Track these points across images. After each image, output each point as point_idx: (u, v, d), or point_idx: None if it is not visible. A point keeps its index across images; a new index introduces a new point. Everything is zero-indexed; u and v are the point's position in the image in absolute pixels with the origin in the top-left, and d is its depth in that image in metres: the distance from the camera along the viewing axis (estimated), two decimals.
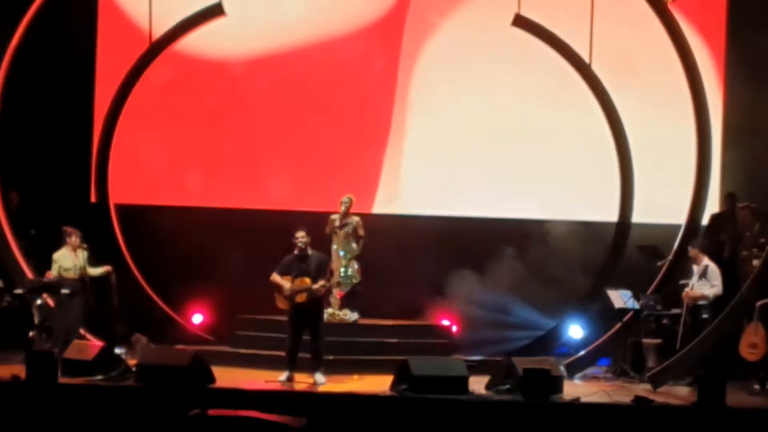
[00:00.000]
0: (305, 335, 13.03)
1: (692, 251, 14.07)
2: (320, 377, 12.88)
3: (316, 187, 16.28)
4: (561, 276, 15.49)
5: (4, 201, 15.25)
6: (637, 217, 15.37)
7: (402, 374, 12.19)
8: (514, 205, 16.28)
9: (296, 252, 13.05)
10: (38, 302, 14.05)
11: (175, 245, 15.67)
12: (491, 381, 12.56)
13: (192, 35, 15.85)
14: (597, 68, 15.26)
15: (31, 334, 13.82)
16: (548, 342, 15.47)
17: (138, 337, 14.52)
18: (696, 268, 13.98)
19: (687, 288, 13.96)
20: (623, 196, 15.27)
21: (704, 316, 13.67)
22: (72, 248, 13.72)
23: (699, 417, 11.55)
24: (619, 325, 14.57)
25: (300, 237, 13.05)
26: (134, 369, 12.48)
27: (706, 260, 13.99)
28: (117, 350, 13.34)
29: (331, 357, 13.47)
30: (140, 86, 15.45)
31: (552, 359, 13.05)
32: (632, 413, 11.71)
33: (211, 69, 16.35)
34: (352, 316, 14.73)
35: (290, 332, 13.03)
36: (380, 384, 12.35)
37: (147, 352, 12.72)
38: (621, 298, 14.42)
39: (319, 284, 12.95)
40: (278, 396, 12.11)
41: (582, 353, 14.66)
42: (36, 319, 14.03)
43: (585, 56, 15.25)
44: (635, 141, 15.37)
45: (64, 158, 16.06)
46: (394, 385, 12.19)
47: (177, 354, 12.54)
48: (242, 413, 9.87)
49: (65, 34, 16.02)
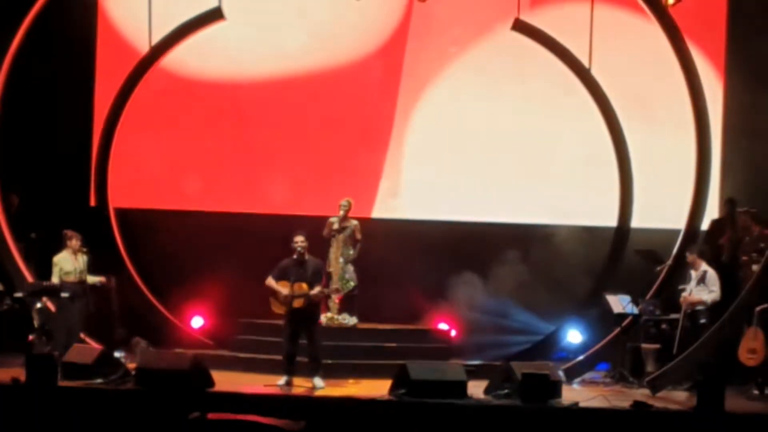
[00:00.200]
0: (302, 339, 13.04)
1: (690, 257, 14.09)
2: (319, 381, 12.88)
3: (316, 192, 16.27)
4: (560, 281, 15.50)
5: (4, 204, 15.25)
6: (636, 222, 15.36)
7: (400, 378, 12.17)
8: (513, 210, 16.29)
9: (294, 257, 13.05)
10: (38, 306, 14.05)
11: (175, 249, 15.70)
12: (490, 385, 12.53)
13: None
14: (597, 73, 15.25)
15: (31, 338, 13.80)
16: (547, 347, 15.45)
17: (137, 341, 14.54)
18: (694, 274, 14.00)
19: (685, 293, 13.98)
20: (622, 201, 15.25)
21: (702, 321, 13.68)
22: (72, 252, 13.74)
23: (698, 422, 11.55)
24: (618, 330, 14.55)
25: (299, 242, 13.03)
26: (134, 372, 12.48)
27: (705, 266, 14.00)
28: (116, 354, 13.38)
29: (330, 361, 13.48)
30: (140, 90, 15.45)
31: (551, 364, 13.05)
32: (631, 418, 11.71)
33: (212, 79, 16.40)
34: (351, 321, 14.74)
35: (287, 336, 13.02)
36: (379, 388, 12.34)
37: (146, 356, 12.70)
38: (620, 303, 14.42)
39: (317, 290, 12.96)
40: (277, 400, 12.09)
41: (581, 358, 14.65)
42: (36, 323, 14.02)
43: (585, 61, 15.24)
44: (635, 145, 15.36)
45: (64, 162, 16.07)
46: (393, 390, 12.17)
47: (176, 358, 12.51)
48: (241, 417, 9.88)
49: (65, 38, 16.04)
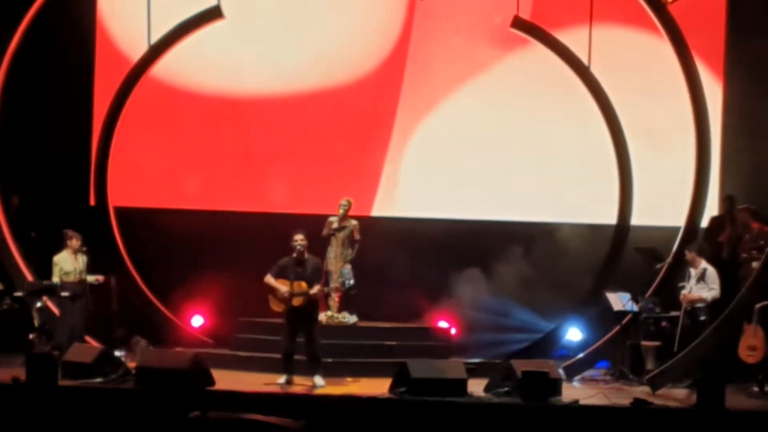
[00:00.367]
0: (301, 338, 13.03)
1: (689, 254, 14.08)
2: (319, 380, 12.88)
3: (315, 190, 16.28)
4: (559, 278, 15.50)
5: (4, 204, 15.26)
6: (636, 220, 15.36)
7: (401, 377, 12.17)
8: (513, 208, 16.30)
9: (294, 255, 13.05)
10: (38, 305, 14.05)
11: (175, 248, 15.72)
12: (490, 383, 12.54)
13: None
14: (596, 71, 15.25)
15: (31, 337, 13.81)
16: (547, 344, 15.44)
17: (137, 340, 14.54)
18: (693, 271, 13.99)
19: (684, 291, 13.98)
20: (622, 199, 15.24)
21: (702, 319, 13.68)
22: (72, 251, 13.74)
23: (698, 419, 11.55)
24: (618, 328, 14.56)
25: (298, 240, 13.03)
26: (134, 372, 12.49)
27: (704, 263, 13.99)
28: (116, 353, 13.36)
29: (330, 359, 13.49)
30: (139, 89, 15.44)
31: (551, 362, 13.03)
32: (631, 416, 11.70)
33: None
34: (351, 319, 14.74)
35: (286, 335, 13.01)
36: (379, 386, 12.34)
37: (146, 355, 12.71)
38: (620, 301, 14.42)
39: (317, 289, 12.95)
40: (277, 399, 12.10)
41: (581, 356, 14.64)
42: (36, 322, 14.03)
43: (584, 58, 15.23)
44: (634, 143, 15.35)
45: (64, 161, 16.07)
46: (393, 388, 12.18)
47: (176, 357, 12.52)
48: (241, 416, 9.87)
49: (64, 38, 16.05)
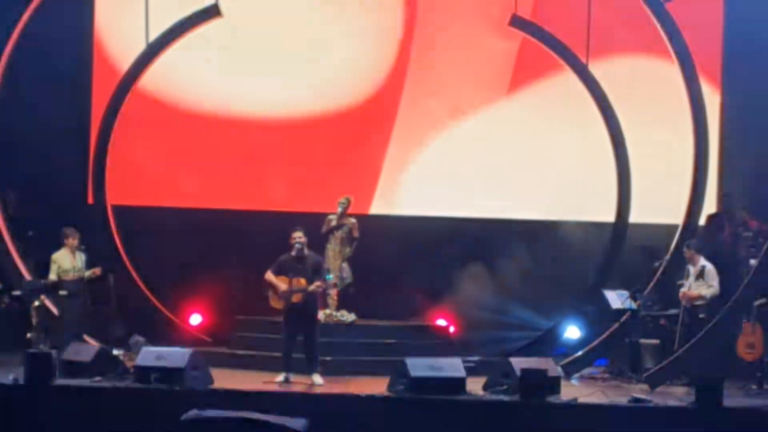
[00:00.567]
0: (300, 336, 13.03)
1: (688, 252, 14.08)
2: (318, 378, 12.88)
3: (315, 189, 16.28)
4: (558, 276, 15.51)
5: (2, 202, 15.25)
6: (635, 217, 15.36)
7: (399, 375, 12.18)
8: (511, 206, 16.30)
9: (293, 252, 13.05)
10: (36, 303, 14.04)
11: (173, 246, 15.68)
12: (489, 381, 12.55)
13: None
14: (594, 68, 15.25)
15: (30, 336, 13.80)
16: (546, 342, 15.44)
17: (136, 339, 14.53)
18: (692, 269, 13.99)
19: (683, 288, 13.98)
20: (620, 196, 15.24)
21: (701, 316, 13.67)
22: (71, 249, 13.74)
23: (696, 417, 11.56)
24: (617, 326, 14.57)
25: (297, 237, 13.02)
26: (132, 370, 12.50)
27: (703, 260, 13.99)
28: (115, 351, 13.35)
29: (329, 358, 13.49)
30: (137, 87, 15.43)
31: (549, 360, 13.04)
32: (629, 414, 11.72)
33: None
34: (350, 317, 14.73)
35: (285, 333, 13.01)
36: (377, 384, 12.34)
37: (145, 353, 12.69)
38: (618, 299, 14.42)
39: (315, 285, 12.94)
40: (276, 397, 12.11)
41: (579, 354, 14.66)
42: (34, 321, 14.01)
43: (582, 56, 15.22)
44: (632, 140, 15.34)
45: (62, 159, 16.03)
46: (392, 386, 12.19)
47: (174, 355, 12.50)
48: (240, 414, 9.87)
49: (62, 35, 16.00)
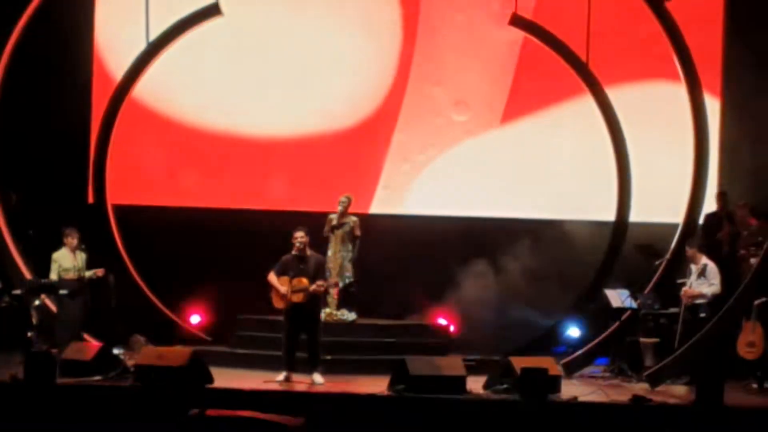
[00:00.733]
0: (302, 335, 13.02)
1: (690, 251, 14.07)
2: (318, 377, 12.87)
3: (315, 187, 16.28)
4: (558, 275, 15.50)
5: (3, 201, 15.25)
6: (635, 216, 15.35)
7: (399, 374, 12.18)
8: (512, 205, 16.31)
9: (295, 252, 13.04)
10: (36, 303, 14.05)
11: (173, 246, 15.70)
12: (489, 380, 12.56)
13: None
14: (594, 67, 15.23)
15: (30, 335, 13.80)
16: (546, 341, 15.44)
17: (136, 338, 14.52)
18: (694, 267, 13.98)
19: (685, 287, 13.98)
20: (620, 195, 15.22)
21: (702, 315, 13.67)
22: (71, 249, 13.74)
23: (696, 416, 11.56)
24: (617, 325, 14.56)
25: (299, 237, 13.01)
26: (132, 369, 12.50)
27: (705, 259, 13.99)
28: (115, 351, 13.35)
29: (329, 357, 13.48)
30: (138, 86, 15.43)
31: (550, 358, 13.03)
32: (630, 412, 11.72)
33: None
34: (350, 316, 14.73)
35: (286, 332, 13.00)
36: (378, 384, 12.34)
37: (145, 353, 12.70)
38: (619, 298, 14.43)
39: (317, 285, 12.93)
40: (276, 396, 12.10)
41: (580, 352, 14.65)
42: (34, 320, 14.02)
43: (582, 55, 15.21)
44: (632, 139, 15.33)
45: (62, 158, 16.05)
46: (392, 385, 12.19)
47: (175, 354, 12.51)
48: (240, 413, 9.87)
49: (63, 34, 16.02)
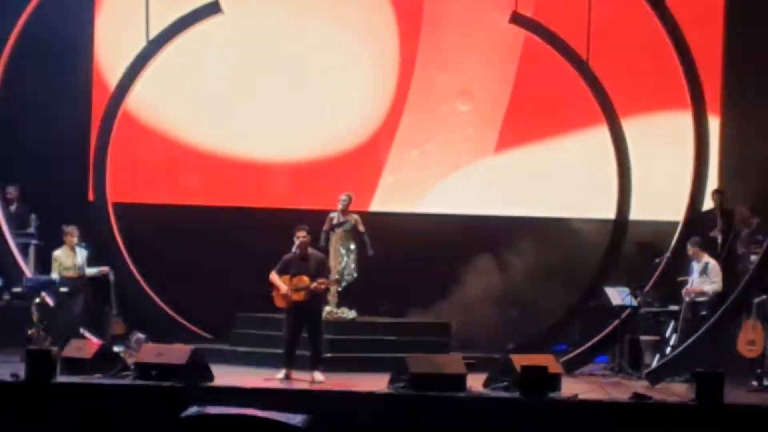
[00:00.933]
0: (303, 333, 13.01)
1: (692, 249, 14.07)
2: (319, 375, 12.87)
3: (316, 185, 16.28)
4: (559, 273, 15.49)
5: (3, 200, 15.24)
6: (635, 214, 15.35)
7: (400, 372, 12.18)
8: (512, 203, 16.30)
9: (296, 251, 13.04)
10: (37, 301, 14.05)
11: (174, 243, 15.71)
12: (489, 378, 12.55)
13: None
14: (594, 65, 15.23)
15: (30, 333, 13.81)
16: (546, 339, 15.43)
17: (136, 336, 14.53)
18: (696, 265, 13.99)
19: (687, 285, 13.98)
20: (621, 193, 15.22)
21: (703, 313, 13.69)
22: (71, 247, 13.74)
23: (697, 414, 11.57)
24: (617, 322, 14.56)
25: (301, 236, 13.00)
26: (132, 367, 12.50)
27: (707, 257, 14.00)
28: (115, 348, 13.37)
29: (329, 355, 13.50)
30: (138, 84, 15.42)
31: (550, 356, 13.03)
32: (630, 410, 11.73)
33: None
34: (350, 314, 14.73)
35: (288, 330, 13.00)
36: (378, 382, 12.33)
37: (145, 350, 12.70)
38: (619, 295, 14.43)
39: (318, 283, 12.92)
40: (277, 394, 12.08)
41: (580, 350, 14.66)
42: (34, 318, 14.02)
43: (582, 53, 15.21)
44: (633, 137, 15.34)
45: (63, 156, 16.05)
46: (392, 383, 12.19)
47: (175, 352, 12.51)
48: (240, 411, 9.88)
49: (64, 32, 16.01)
